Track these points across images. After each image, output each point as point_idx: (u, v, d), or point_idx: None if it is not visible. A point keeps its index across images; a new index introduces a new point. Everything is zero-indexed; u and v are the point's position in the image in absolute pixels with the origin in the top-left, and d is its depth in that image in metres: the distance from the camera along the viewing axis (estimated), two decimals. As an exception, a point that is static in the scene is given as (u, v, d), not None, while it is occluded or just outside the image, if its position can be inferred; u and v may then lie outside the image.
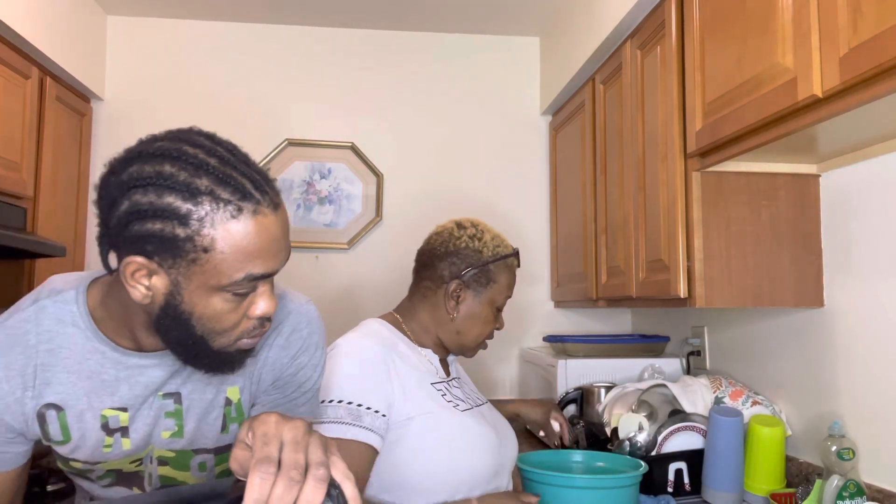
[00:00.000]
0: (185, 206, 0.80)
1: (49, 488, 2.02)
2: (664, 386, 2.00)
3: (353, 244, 2.99)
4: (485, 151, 3.09)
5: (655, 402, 1.95)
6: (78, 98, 2.75)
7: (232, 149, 0.89)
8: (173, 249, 0.81)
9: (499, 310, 1.46)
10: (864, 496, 1.48)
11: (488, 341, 1.49)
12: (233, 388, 1.03)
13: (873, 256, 1.58)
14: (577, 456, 1.63)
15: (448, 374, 1.46)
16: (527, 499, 1.33)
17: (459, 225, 1.45)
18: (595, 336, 2.72)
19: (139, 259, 0.83)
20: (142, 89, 2.96)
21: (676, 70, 1.81)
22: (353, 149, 3.01)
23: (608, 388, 2.16)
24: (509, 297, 1.47)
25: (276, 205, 0.86)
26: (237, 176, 0.84)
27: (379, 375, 1.28)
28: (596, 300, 2.47)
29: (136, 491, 1.05)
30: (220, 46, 3.01)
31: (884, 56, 1.06)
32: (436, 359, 1.45)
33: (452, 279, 1.41)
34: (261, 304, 0.89)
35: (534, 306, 3.04)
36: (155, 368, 0.98)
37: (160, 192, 0.80)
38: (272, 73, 3.02)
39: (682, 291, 1.77)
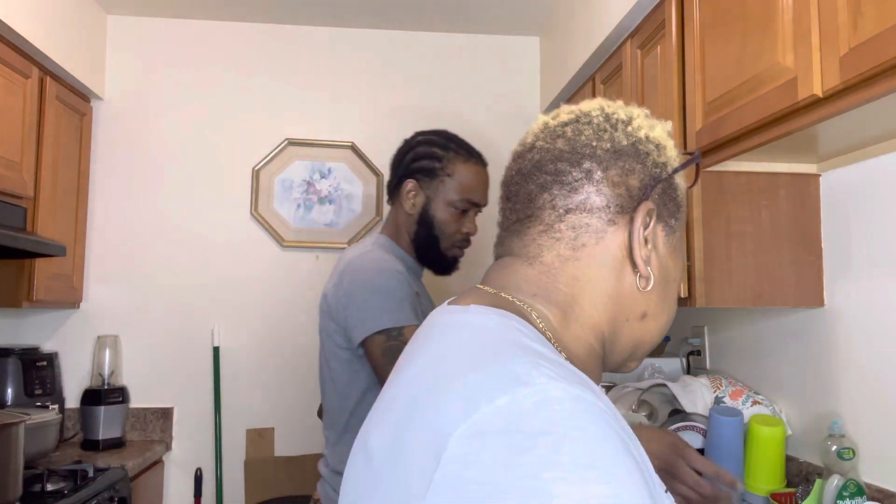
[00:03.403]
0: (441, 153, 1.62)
1: (49, 488, 2.03)
2: (664, 385, 2.00)
3: (353, 244, 2.99)
4: (485, 151, 3.08)
5: (655, 401, 1.95)
6: (78, 98, 2.75)
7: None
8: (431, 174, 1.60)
9: None
10: (864, 496, 1.48)
11: None
12: None
13: (873, 256, 1.58)
14: None
15: None
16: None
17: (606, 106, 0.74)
18: (595, 336, 2.71)
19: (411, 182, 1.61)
20: (142, 89, 2.96)
21: (676, 70, 1.81)
22: (353, 149, 3.01)
23: (608, 388, 2.16)
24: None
25: (485, 163, 1.67)
26: (465, 144, 1.66)
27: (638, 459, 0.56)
28: (596, 300, 2.47)
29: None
30: (220, 46, 3.01)
31: (884, 56, 1.06)
32: None
33: (643, 201, 0.69)
34: (467, 224, 1.62)
35: (534, 306, 3.04)
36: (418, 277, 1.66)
37: (429, 146, 1.63)
38: (272, 73, 3.02)
39: (682, 291, 1.77)
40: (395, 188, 1.65)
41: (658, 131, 0.73)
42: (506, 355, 0.55)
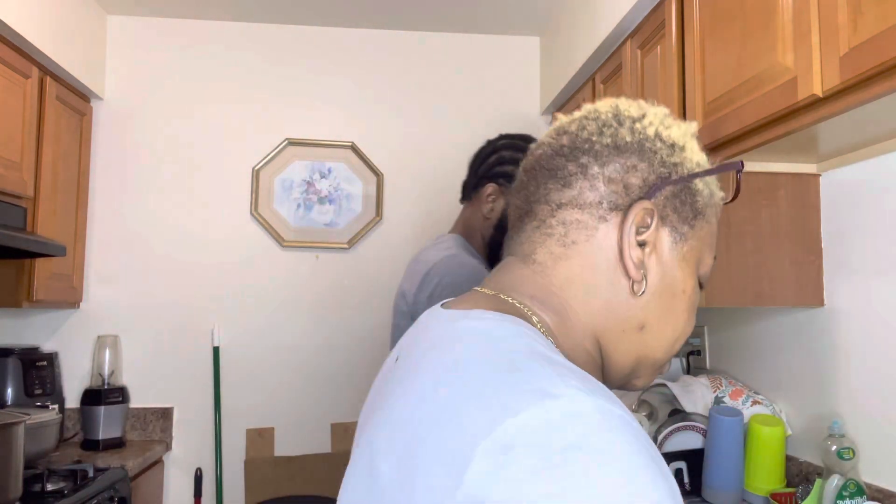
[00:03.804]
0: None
1: (49, 488, 2.03)
2: (664, 385, 2.00)
3: (353, 244, 2.99)
4: (485, 151, 3.09)
5: (655, 401, 1.95)
6: (78, 98, 2.75)
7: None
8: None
9: (700, 284, 0.74)
10: (864, 496, 1.48)
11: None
12: None
13: (873, 256, 1.58)
14: None
15: None
16: None
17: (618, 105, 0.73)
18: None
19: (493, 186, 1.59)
20: (142, 89, 2.96)
21: (676, 69, 1.81)
22: (353, 148, 3.01)
23: (608, 388, 2.16)
24: (714, 261, 0.74)
25: None
26: None
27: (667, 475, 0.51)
28: (596, 300, 2.47)
29: None
30: (220, 46, 3.01)
31: (884, 56, 1.06)
32: None
33: (640, 199, 0.64)
34: None
35: (534, 306, 3.04)
36: None
37: (514, 151, 1.61)
38: (272, 73, 3.02)
39: (682, 291, 1.77)
40: (473, 189, 1.64)
41: (675, 131, 0.68)
42: (528, 367, 0.51)
